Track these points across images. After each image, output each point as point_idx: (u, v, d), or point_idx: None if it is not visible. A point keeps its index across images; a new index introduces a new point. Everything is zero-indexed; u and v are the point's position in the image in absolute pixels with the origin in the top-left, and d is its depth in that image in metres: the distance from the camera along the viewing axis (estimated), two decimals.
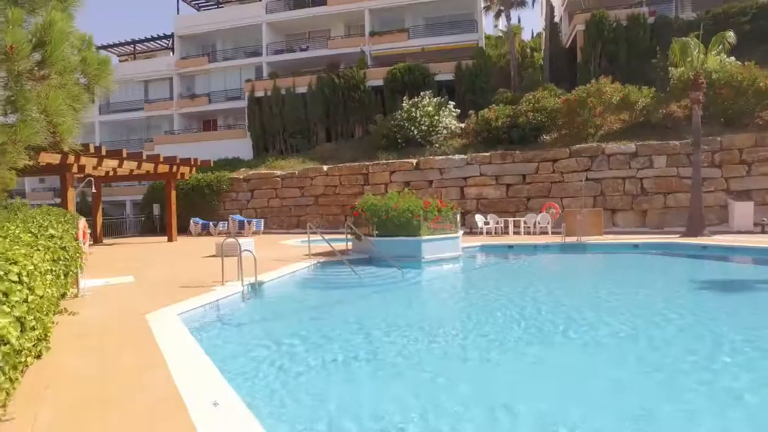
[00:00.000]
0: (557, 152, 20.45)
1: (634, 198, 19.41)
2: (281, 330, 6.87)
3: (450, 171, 21.53)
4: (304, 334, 6.56)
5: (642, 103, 21.68)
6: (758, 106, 20.11)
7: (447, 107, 24.87)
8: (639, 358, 5.55)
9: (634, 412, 4.11)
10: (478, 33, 31.33)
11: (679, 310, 7.70)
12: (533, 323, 7.03)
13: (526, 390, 4.70)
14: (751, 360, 5.41)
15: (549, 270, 13.11)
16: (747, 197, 18.29)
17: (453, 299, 9.62)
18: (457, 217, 14.52)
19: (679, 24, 25.37)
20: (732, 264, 13.04)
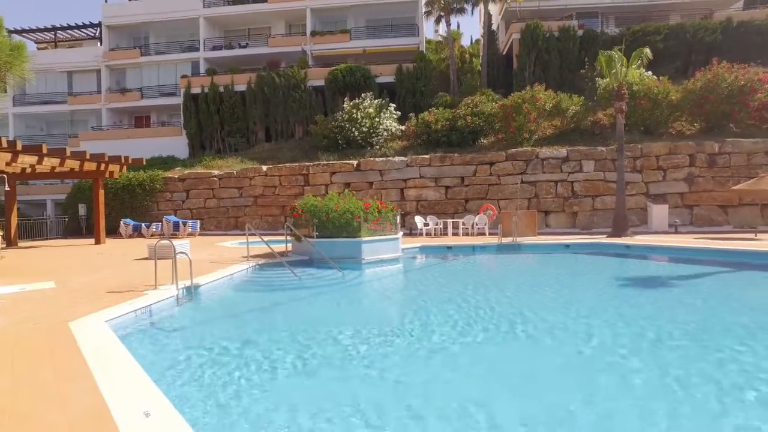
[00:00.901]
0: (494, 155, 21.17)
1: (565, 200, 20.43)
2: (218, 334, 6.67)
3: (390, 173, 21.75)
4: (241, 338, 6.42)
5: (572, 111, 22.89)
6: (671, 117, 21.84)
7: (388, 109, 25.10)
8: (571, 349, 5.90)
9: (554, 398, 4.36)
10: (419, 37, 31.87)
11: (603, 305, 8.22)
12: (470, 321, 7.23)
13: (462, 384, 4.85)
14: (670, 347, 5.86)
15: (486, 270, 13.54)
16: (663, 200, 19.77)
17: (392, 300, 9.73)
18: (397, 218, 14.68)
19: (604, 38, 26.99)
20: (651, 262, 14.03)
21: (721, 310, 8.10)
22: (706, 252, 13.68)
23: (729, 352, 5.70)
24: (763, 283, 10.85)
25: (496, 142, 22.67)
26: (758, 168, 19.07)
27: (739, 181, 18.53)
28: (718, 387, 4.61)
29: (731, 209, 19.71)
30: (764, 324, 7.14)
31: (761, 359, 5.46)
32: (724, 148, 19.89)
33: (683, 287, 10.31)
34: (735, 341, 6.13)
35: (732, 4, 30.24)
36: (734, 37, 26.17)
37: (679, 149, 20.05)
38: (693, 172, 19.92)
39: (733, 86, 20.43)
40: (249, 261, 12.18)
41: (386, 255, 13.58)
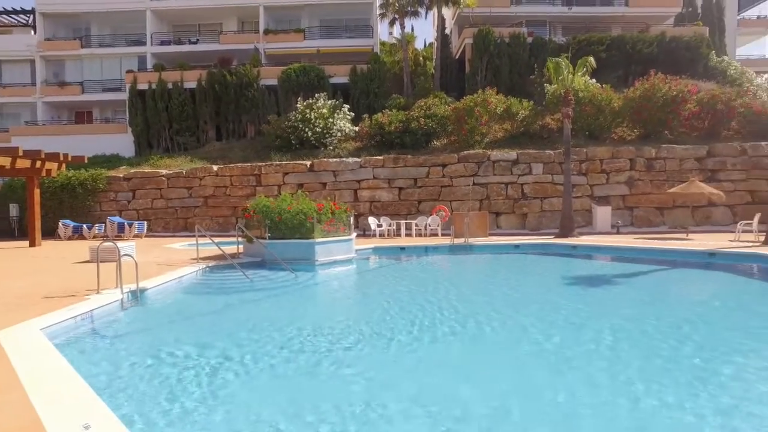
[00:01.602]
0: (447, 157, 21.51)
1: (515, 202, 21.01)
2: (165, 339, 6.46)
3: (344, 173, 21.69)
4: (190, 343, 6.23)
5: (522, 115, 23.61)
6: (613, 123, 22.91)
7: (342, 110, 25.02)
8: (519, 342, 6.09)
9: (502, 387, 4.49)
10: (373, 39, 31.96)
11: (550, 303, 8.53)
12: (422, 321, 7.32)
13: (413, 378, 4.91)
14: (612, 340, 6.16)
15: (439, 270, 13.73)
16: (606, 202, 20.70)
17: (345, 301, 9.72)
18: (351, 219, 14.67)
19: (552, 46, 27.96)
20: (595, 261, 14.66)
21: (657, 305, 8.58)
22: (644, 251, 14.49)
23: (665, 341, 6.08)
24: (693, 279, 11.57)
25: (449, 144, 23.04)
26: (689, 172, 20.30)
27: (673, 185, 19.64)
28: (654, 368, 4.92)
29: (667, 211, 20.88)
30: (690, 316, 7.61)
31: (690, 346, 5.84)
32: (660, 154, 21.06)
33: (624, 284, 10.85)
34: (668, 332, 6.54)
35: (665, 21, 32.03)
36: (667, 50, 27.76)
37: (621, 154, 21.06)
38: (633, 176, 20.96)
39: (667, 96, 21.68)
40: (199, 263, 11.85)
41: (340, 256, 13.54)
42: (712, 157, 21.07)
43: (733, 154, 21.01)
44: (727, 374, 5.16)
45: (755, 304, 8.91)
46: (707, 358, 5.67)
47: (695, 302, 9.28)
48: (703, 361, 5.54)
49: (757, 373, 5.27)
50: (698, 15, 33.33)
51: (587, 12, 31.81)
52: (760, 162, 20.62)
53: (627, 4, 31.81)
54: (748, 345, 6.28)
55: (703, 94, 22.49)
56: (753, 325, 7.27)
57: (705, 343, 6.27)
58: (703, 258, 13.35)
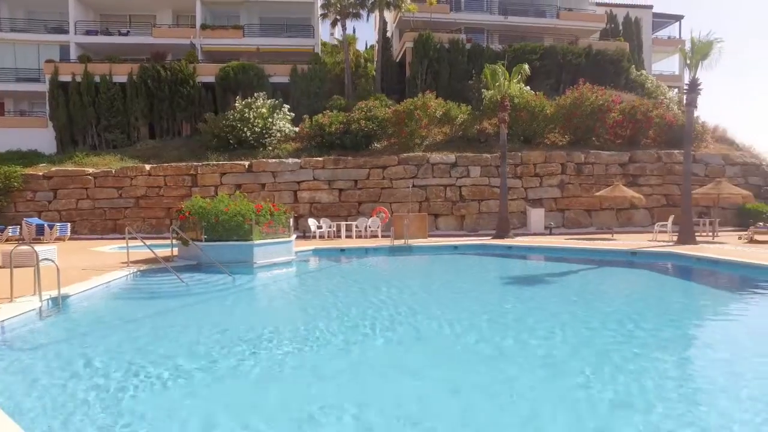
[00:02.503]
0: (387, 159, 21.71)
1: (454, 204, 21.52)
2: (88, 350, 6.05)
3: (283, 174, 21.37)
4: (115, 353, 5.91)
5: (461, 119, 24.24)
6: (546, 129, 24.01)
7: (281, 110, 24.64)
8: (454, 339, 6.24)
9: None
10: (314, 39, 31.71)
11: (487, 300, 8.81)
12: (361, 322, 7.34)
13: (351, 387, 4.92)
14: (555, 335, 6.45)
15: (379, 271, 13.81)
16: (540, 204, 21.66)
17: (284, 304, 9.55)
18: (291, 221, 14.48)
19: (489, 53, 28.88)
20: (529, 261, 15.29)
21: (585, 300, 9.08)
22: (574, 251, 15.29)
23: (593, 333, 6.43)
24: (618, 276, 12.34)
25: (389, 146, 23.26)
26: (614, 177, 21.68)
27: (600, 188, 20.88)
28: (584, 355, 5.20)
29: (594, 213, 22.14)
30: (611, 309, 8.11)
31: (615, 333, 6.23)
32: (589, 159, 22.31)
33: (555, 282, 11.39)
34: (595, 324, 6.94)
35: (591, 35, 34.00)
36: (594, 62, 29.46)
37: (553, 158, 22.12)
38: (564, 180, 22.07)
39: (594, 105, 23.02)
40: (129, 267, 11.26)
41: (279, 258, 13.33)
42: (634, 163, 22.58)
43: (650, 161, 22.63)
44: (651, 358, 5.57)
45: (669, 297, 9.64)
46: (626, 345, 6.08)
47: (617, 297, 9.90)
48: (625, 350, 5.93)
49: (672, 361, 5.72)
50: (620, 32, 35.59)
51: (522, 22, 33.15)
52: (672, 168, 22.33)
53: (558, 16, 33.45)
54: (664, 334, 6.79)
55: (625, 105, 24.06)
56: (667, 315, 7.86)
57: (623, 332, 6.71)
58: (626, 257, 14.30)
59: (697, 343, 6.95)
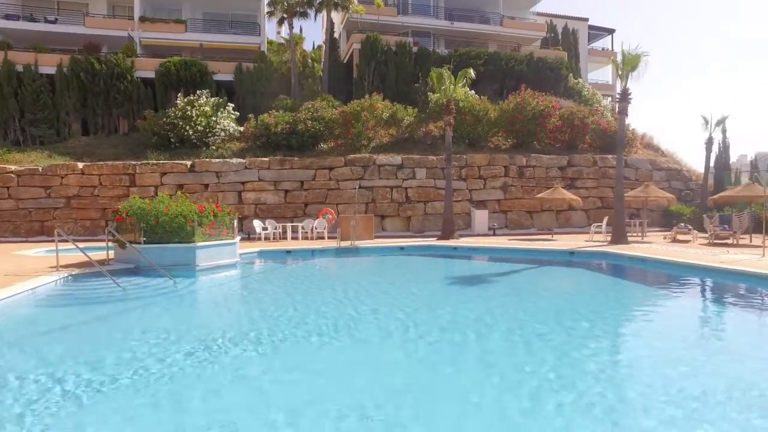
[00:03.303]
0: (333, 161, 21.62)
1: (400, 205, 21.72)
2: (5, 363, 5.64)
3: (228, 175, 20.84)
4: (38, 364, 5.53)
5: (407, 121, 24.51)
6: (490, 132, 24.71)
7: (226, 109, 24.02)
8: (395, 337, 6.32)
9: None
10: (260, 37, 31.12)
11: (432, 300, 8.96)
12: (305, 324, 7.25)
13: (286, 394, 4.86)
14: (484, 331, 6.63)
15: (325, 273, 13.72)
16: (483, 206, 22.25)
17: (226, 308, 9.24)
18: (235, 222, 14.14)
19: (435, 57, 29.40)
20: (473, 261, 15.67)
21: (527, 298, 9.41)
22: (517, 251, 15.83)
23: (532, 328, 6.68)
24: (557, 275, 12.87)
25: (336, 147, 23.18)
26: (553, 180, 22.61)
27: (540, 191, 21.72)
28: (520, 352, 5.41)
29: (535, 214, 23.00)
30: (550, 305, 8.48)
31: (551, 327, 6.51)
32: (530, 162, 23.15)
33: (498, 281, 11.72)
34: (535, 321, 7.21)
35: (533, 43, 35.35)
36: (535, 69, 30.62)
37: (497, 161, 22.79)
38: (507, 182, 22.79)
39: (536, 110, 23.94)
40: (59, 272, 10.61)
41: (223, 261, 12.98)
42: (572, 166, 23.65)
43: (587, 165, 23.78)
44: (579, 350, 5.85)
45: (602, 293, 10.18)
46: (563, 339, 6.37)
47: (555, 294, 10.33)
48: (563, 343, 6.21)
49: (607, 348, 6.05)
50: (559, 41, 37.22)
51: (467, 28, 33.96)
52: (606, 172, 23.56)
53: (501, 24, 34.51)
54: (600, 328, 7.15)
55: (564, 111, 25.17)
56: (598, 309, 8.30)
57: (556, 325, 7.01)
58: (565, 256, 14.95)
59: (620, 332, 7.39)
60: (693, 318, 8.40)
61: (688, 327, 7.79)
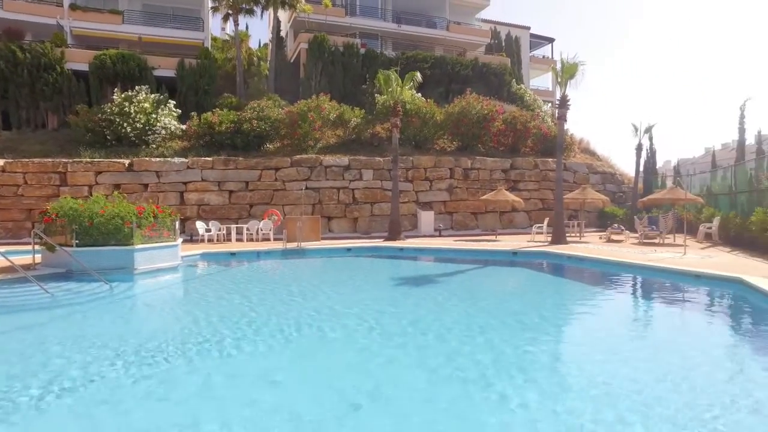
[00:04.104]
0: (280, 161, 21.29)
1: (347, 206, 21.68)
2: None
3: (169, 174, 20.06)
4: None
5: (354, 122, 24.51)
6: (436, 135, 25.13)
7: (167, 106, 23.10)
8: (337, 338, 6.30)
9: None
10: (204, 32, 30.17)
11: (378, 300, 9.00)
12: (248, 329, 7.09)
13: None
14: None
15: (270, 275, 13.48)
16: (429, 207, 22.58)
17: (166, 313, 8.87)
18: (176, 223, 13.63)
19: (383, 59, 29.58)
20: (419, 262, 15.87)
21: (470, 297, 9.64)
22: (462, 252, 16.18)
23: (480, 325, 6.86)
24: (501, 275, 13.26)
25: (282, 147, 22.84)
26: (497, 182, 23.30)
27: (485, 193, 22.32)
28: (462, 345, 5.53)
29: (480, 215, 23.60)
30: (490, 303, 8.74)
31: (493, 322, 6.71)
32: (475, 164, 23.74)
33: (443, 281, 11.92)
34: (479, 319, 7.40)
35: (478, 48, 36.34)
36: (480, 74, 31.47)
37: (442, 163, 23.20)
38: (453, 184, 23.25)
39: (480, 114, 24.58)
40: None
41: (163, 263, 12.49)
42: (515, 169, 24.45)
43: (529, 168, 24.66)
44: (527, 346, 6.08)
45: (542, 291, 10.59)
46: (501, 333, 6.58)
47: (499, 292, 10.66)
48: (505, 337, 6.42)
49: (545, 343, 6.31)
50: (502, 48, 38.45)
51: (414, 31, 34.41)
52: (547, 175, 24.54)
53: (448, 29, 35.21)
54: (542, 327, 7.44)
55: (508, 115, 25.99)
56: (537, 305, 8.63)
57: (497, 320, 7.24)
58: (508, 256, 15.42)
59: (559, 325, 7.72)
60: (623, 311, 8.97)
61: (618, 319, 8.32)
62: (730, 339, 7.09)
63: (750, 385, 5.00)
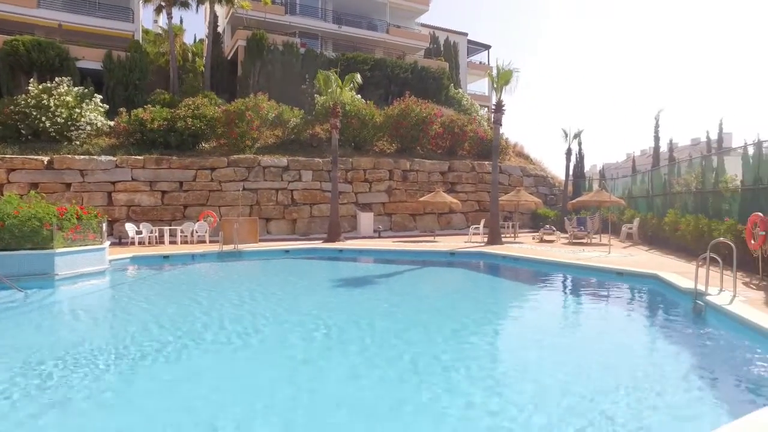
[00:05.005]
0: (216, 161, 20.63)
1: (285, 208, 21.33)
2: None
3: (95, 173, 18.91)
4: None
5: (293, 123, 24.16)
6: (375, 137, 25.28)
7: (93, 100, 21.75)
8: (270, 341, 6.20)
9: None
10: (134, 24, 28.66)
11: (317, 302, 8.91)
12: (177, 336, 6.80)
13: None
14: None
15: (205, 279, 13.02)
16: (369, 209, 22.67)
17: (85, 321, 8.27)
18: (103, 225, 12.86)
19: (323, 59, 29.38)
20: (359, 263, 15.86)
21: (411, 296, 9.76)
22: (401, 253, 16.36)
23: (419, 323, 6.95)
24: (439, 275, 13.53)
25: (218, 147, 22.14)
26: (435, 184, 23.76)
27: (423, 194, 22.68)
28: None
29: (418, 217, 23.96)
30: (427, 302, 8.91)
31: (427, 328, 6.85)
32: (413, 166, 24.08)
33: (383, 282, 12.00)
34: (418, 318, 7.51)
35: (417, 52, 36.93)
36: (419, 77, 31.97)
37: (382, 165, 23.36)
38: (392, 185, 23.45)
39: (419, 116, 24.96)
40: None
41: (89, 268, 11.76)
42: (452, 171, 25.03)
43: (466, 170, 25.33)
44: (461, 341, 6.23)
45: (480, 290, 10.92)
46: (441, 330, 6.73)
47: (437, 291, 10.87)
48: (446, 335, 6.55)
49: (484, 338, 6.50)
50: (441, 52, 39.24)
51: (355, 33, 34.44)
52: (483, 177, 25.31)
53: (388, 32, 35.52)
54: (478, 325, 7.66)
55: (446, 118, 26.56)
56: (473, 303, 8.89)
57: (436, 318, 7.40)
58: (446, 257, 15.76)
59: (494, 320, 7.99)
60: (553, 306, 9.46)
61: (548, 313, 8.80)
62: (645, 326, 7.81)
63: (659, 362, 5.70)
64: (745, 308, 7.06)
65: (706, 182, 14.22)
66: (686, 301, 8.35)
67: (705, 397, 4.77)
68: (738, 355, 5.91)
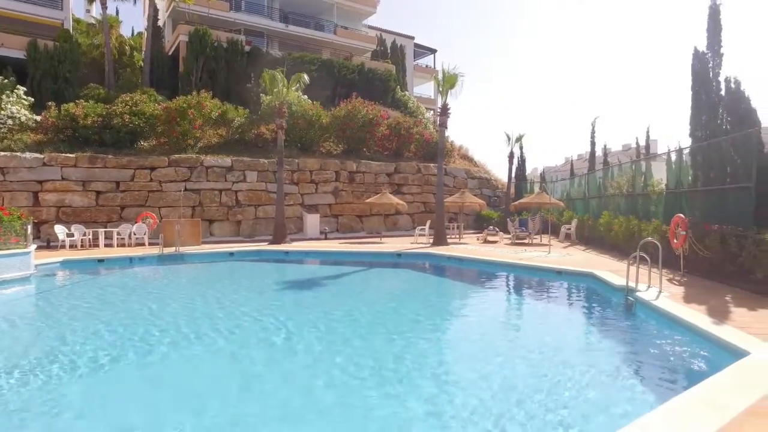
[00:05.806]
0: (156, 160, 19.81)
1: (229, 209, 20.78)
2: None
3: (19, 172, 17.67)
4: None
5: (238, 122, 23.58)
6: (322, 138, 25.11)
7: (15, 92, 20.33)
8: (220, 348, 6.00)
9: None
10: (63, 11, 27.03)
11: (263, 306, 8.73)
12: (110, 347, 6.47)
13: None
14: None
15: (143, 283, 12.44)
16: (315, 210, 22.48)
17: (10, 332, 7.73)
18: (28, 228, 12.04)
19: (269, 58, 28.88)
20: (305, 265, 15.68)
21: (357, 296, 9.75)
22: (348, 254, 16.31)
23: (367, 323, 6.95)
24: (385, 276, 13.60)
25: (158, 146, 21.26)
26: (382, 185, 23.88)
27: (370, 196, 22.73)
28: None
29: (365, 218, 23.99)
30: (375, 302, 8.95)
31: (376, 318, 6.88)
32: (360, 168, 24.09)
33: (330, 284, 11.93)
34: (365, 318, 7.51)
35: (364, 54, 37.07)
36: (366, 79, 32.09)
37: (328, 166, 23.22)
38: (338, 187, 23.36)
39: (366, 118, 25.02)
40: None
41: (11, 274, 10.98)
42: (398, 173, 25.24)
43: (412, 172, 25.62)
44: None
45: (426, 290, 11.08)
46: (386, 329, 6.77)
47: (384, 292, 10.93)
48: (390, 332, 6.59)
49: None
50: (388, 55, 39.60)
51: (302, 32, 34.11)
52: (429, 179, 25.69)
53: (335, 33, 35.42)
54: (424, 323, 7.76)
55: (392, 120, 26.77)
56: (424, 302, 9.01)
57: (384, 317, 7.45)
58: (393, 258, 15.86)
59: (439, 318, 8.13)
60: (496, 304, 9.76)
61: (491, 310, 9.08)
62: (581, 321, 8.22)
63: (589, 352, 6.02)
64: (668, 302, 7.58)
65: (636, 185, 15.09)
66: (619, 297, 8.84)
67: (633, 382, 5.21)
68: (661, 344, 6.33)
